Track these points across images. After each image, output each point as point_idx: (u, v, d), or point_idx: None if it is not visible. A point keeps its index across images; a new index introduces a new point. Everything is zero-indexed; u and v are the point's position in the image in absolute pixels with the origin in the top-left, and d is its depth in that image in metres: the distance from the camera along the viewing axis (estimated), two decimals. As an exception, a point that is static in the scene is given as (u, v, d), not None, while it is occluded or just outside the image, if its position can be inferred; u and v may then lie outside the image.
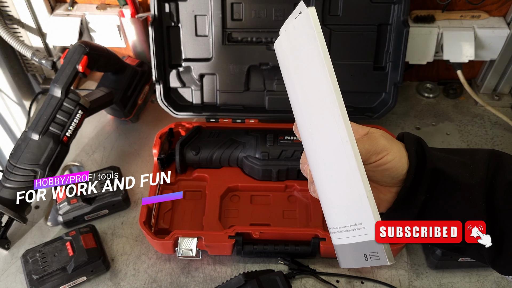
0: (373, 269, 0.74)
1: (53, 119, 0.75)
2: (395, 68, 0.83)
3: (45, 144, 0.74)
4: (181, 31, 0.84)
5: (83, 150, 0.92)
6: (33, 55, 0.89)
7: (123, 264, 0.75)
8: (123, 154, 0.91)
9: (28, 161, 0.73)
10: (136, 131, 0.96)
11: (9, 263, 0.76)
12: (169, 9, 0.83)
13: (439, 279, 0.73)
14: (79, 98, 0.77)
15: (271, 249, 0.72)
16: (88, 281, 0.73)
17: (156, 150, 0.81)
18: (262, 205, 0.80)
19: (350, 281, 0.73)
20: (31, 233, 0.80)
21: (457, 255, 0.70)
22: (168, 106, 0.87)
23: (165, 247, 0.73)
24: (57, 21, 0.93)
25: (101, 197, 0.78)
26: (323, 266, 0.74)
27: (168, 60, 0.86)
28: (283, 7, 0.81)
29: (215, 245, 0.72)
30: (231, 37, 0.84)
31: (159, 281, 0.73)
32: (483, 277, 0.73)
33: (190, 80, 0.87)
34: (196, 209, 0.80)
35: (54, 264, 0.69)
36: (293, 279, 0.72)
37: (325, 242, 0.71)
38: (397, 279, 0.73)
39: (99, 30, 0.95)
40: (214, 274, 0.74)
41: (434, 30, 0.89)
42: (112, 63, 0.87)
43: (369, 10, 0.81)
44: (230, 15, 0.82)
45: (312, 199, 0.79)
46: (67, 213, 0.77)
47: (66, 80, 0.76)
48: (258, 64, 0.85)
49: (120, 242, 0.78)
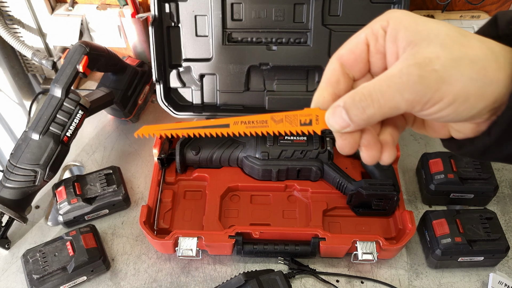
0: (373, 269, 0.74)
1: (53, 119, 0.75)
2: (395, 68, 0.83)
3: (45, 144, 0.74)
4: (181, 31, 0.84)
5: (83, 150, 0.92)
6: (34, 55, 0.89)
7: (123, 264, 0.75)
8: (123, 154, 0.91)
9: (28, 161, 0.73)
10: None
11: (9, 263, 0.76)
12: (169, 9, 0.83)
13: (439, 278, 0.73)
14: (79, 98, 0.77)
15: (271, 249, 0.72)
16: (89, 280, 0.73)
17: (156, 150, 0.81)
18: (262, 205, 0.80)
19: (350, 281, 0.73)
20: (32, 233, 0.80)
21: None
22: (168, 106, 0.87)
23: (165, 246, 0.73)
24: (58, 21, 0.93)
25: (101, 197, 0.78)
26: (323, 266, 0.74)
27: (168, 60, 0.86)
28: (283, 7, 0.81)
29: (215, 245, 0.72)
30: (231, 37, 0.84)
31: (159, 280, 0.73)
32: (483, 277, 0.73)
33: (190, 80, 0.87)
34: (196, 209, 0.80)
35: (54, 264, 0.70)
36: (293, 279, 0.72)
37: (325, 242, 0.71)
38: (397, 279, 0.73)
39: (100, 30, 0.95)
40: (214, 274, 0.74)
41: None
42: (112, 63, 0.87)
43: (369, 10, 0.81)
44: (230, 15, 0.82)
45: (312, 199, 0.79)
46: (68, 213, 0.77)
47: (66, 80, 0.76)
48: (258, 64, 0.85)
49: (120, 242, 0.78)
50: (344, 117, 0.33)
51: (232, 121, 0.40)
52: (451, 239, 0.70)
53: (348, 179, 0.77)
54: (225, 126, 0.41)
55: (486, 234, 0.71)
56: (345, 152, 0.36)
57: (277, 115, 0.38)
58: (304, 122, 0.38)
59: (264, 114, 0.39)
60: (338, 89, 0.37)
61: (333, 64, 0.37)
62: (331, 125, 0.35)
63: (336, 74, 0.37)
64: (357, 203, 0.77)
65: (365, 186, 0.74)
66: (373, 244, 0.71)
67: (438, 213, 0.73)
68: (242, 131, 0.40)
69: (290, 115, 0.38)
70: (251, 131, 0.40)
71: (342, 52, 0.37)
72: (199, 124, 0.41)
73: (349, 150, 0.36)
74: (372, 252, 0.70)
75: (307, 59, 0.84)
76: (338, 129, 0.35)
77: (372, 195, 0.74)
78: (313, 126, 0.38)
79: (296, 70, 0.86)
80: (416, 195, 0.84)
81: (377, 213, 0.77)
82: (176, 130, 0.42)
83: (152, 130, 0.44)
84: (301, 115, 0.38)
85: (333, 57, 0.38)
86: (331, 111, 0.35)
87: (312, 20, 0.81)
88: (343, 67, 0.37)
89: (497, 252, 0.71)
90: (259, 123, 0.39)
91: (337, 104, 0.34)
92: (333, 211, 0.79)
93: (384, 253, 0.72)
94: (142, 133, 0.45)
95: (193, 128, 0.41)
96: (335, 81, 0.37)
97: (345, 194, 0.78)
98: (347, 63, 0.37)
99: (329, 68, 0.37)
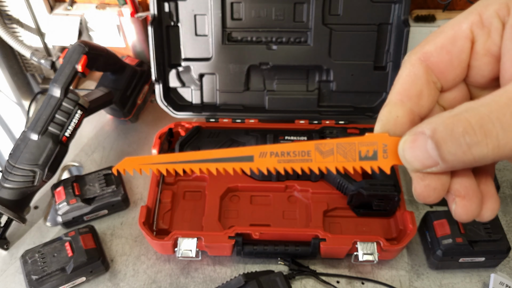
0: (373, 270, 0.74)
1: (52, 119, 0.75)
2: (395, 68, 0.83)
3: (44, 144, 0.74)
4: (180, 31, 0.84)
5: (82, 150, 0.92)
6: (32, 54, 0.88)
7: (123, 265, 0.75)
8: (122, 154, 0.91)
9: (27, 161, 0.73)
10: (135, 131, 0.95)
11: (8, 264, 0.75)
12: (169, 9, 0.82)
13: (440, 279, 0.73)
14: (78, 98, 0.77)
15: (271, 250, 0.72)
16: (88, 281, 0.73)
17: (156, 150, 0.80)
18: (262, 206, 0.80)
19: (351, 282, 0.72)
20: (30, 234, 0.79)
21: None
22: (167, 106, 0.86)
23: (165, 247, 0.72)
24: (56, 21, 0.93)
25: (100, 197, 0.78)
26: (324, 266, 0.74)
27: (167, 60, 0.86)
28: (283, 6, 0.81)
29: (215, 246, 0.72)
30: (231, 36, 0.84)
31: (158, 281, 0.73)
32: (484, 278, 0.73)
33: (189, 80, 0.87)
34: (195, 209, 0.79)
35: (53, 265, 0.69)
36: (293, 280, 0.72)
37: (326, 242, 0.70)
38: (398, 280, 0.73)
39: (99, 29, 0.95)
40: (214, 275, 0.73)
41: (434, 30, 0.89)
42: (111, 62, 0.87)
43: (369, 9, 0.81)
44: (230, 15, 0.82)
45: (312, 200, 0.79)
46: (66, 213, 0.76)
47: (65, 80, 0.75)
48: (258, 63, 0.84)
49: (120, 243, 0.78)
50: (431, 152, 0.23)
51: (258, 152, 0.29)
52: (452, 240, 0.69)
53: (349, 179, 0.76)
54: (248, 159, 0.29)
55: (487, 234, 0.70)
56: (426, 200, 0.25)
57: (325, 143, 0.28)
58: (365, 155, 0.27)
59: (306, 142, 0.28)
60: (419, 105, 0.26)
61: (414, 68, 0.26)
62: (408, 161, 0.25)
63: (418, 83, 0.26)
64: (358, 204, 0.77)
65: (366, 186, 0.73)
66: (373, 244, 0.70)
67: (439, 214, 0.73)
68: (273, 166, 0.29)
69: (345, 144, 0.28)
70: (286, 167, 0.29)
71: (430, 49, 0.26)
72: (211, 155, 0.29)
73: (433, 199, 0.25)
74: (373, 253, 0.70)
75: (307, 58, 0.83)
76: (418, 168, 0.24)
77: (373, 196, 0.73)
78: (379, 162, 0.27)
79: (296, 70, 0.86)
80: (417, 196, 0.83)
81: (378, 214, 0.77)
82: (171, 164, 0.29)
83: (137, 164, 0.30)
84: (361, 144, 0.27)
85: (413, 55, 0.27)
86: (411, 140, 0.24)
87: (312, 19, 0.81)
88: (429, 73, 0.26)
89: (498, 253, 0.70)
90: (298, 155, 0.29)
91: (420, 130, 0.23)
92: (333, 211, 0.79)
93: (385, 254, 0.71)
94: (124, 168, 0.30)
95: (203, 162, 0.29)
96: (415, 94, 0.26)
97: (346, 194, 0.77)
98: (436, 67, 0.26)
99: (406, 73, 0.26)
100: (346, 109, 0.87)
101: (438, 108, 0.27)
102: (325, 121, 0.86)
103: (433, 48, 0.26)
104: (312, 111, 0.87)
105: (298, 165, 0.29)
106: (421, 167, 0.24)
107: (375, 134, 0.26)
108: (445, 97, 0.27)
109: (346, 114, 0.87)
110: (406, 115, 0.26)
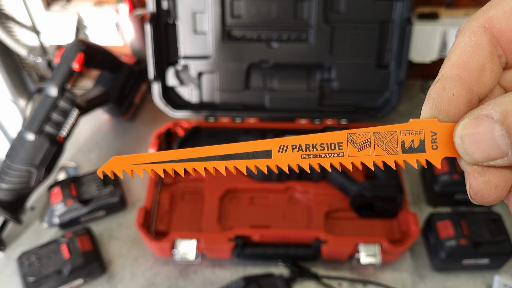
0: (376, 272, 0.73)
1: (48, 119, 0.73)
2: (398, 66, 0.82)
3: (40, 144, 0.72)
4: (179, 28, 0.83)
5: (79, 150, 0.90)
6: (29, 53, 0.87)
7: (120, 267, 0.74)
8: (120, 154, 0.89)
9: (23, 161, 0.72)
10: (133, 131, 0.94)
11: (4, 266, 0.74)
12: (167, 6, 0.81)
13: (443, 282, 0.72)
14: (75, 97, 0.76)
15: (272, 252, 0.71)
16: (85, 284, 0.71)
17: (154, 150, 0.79)
18: (262, 207, 0.79)
19: (353, 284, 0.71)
20: (27, 235, 0.78)
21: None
22: (165, 105, 0.85)
23: (163, 249, 0.71)
24: (53, 19, 0.91)
25: (97, 199, 0.77)
26: (325, 269, 0.73)
27: (165, 58, 0.84)
28: (284, 4, 0.80)
29: (214, 248, 0.70)
30: (231, 34, 0.83)
31: (157, 284, 0.72)
32: (488, 279, 0.72)
33: (188, 79, 0.86)
34: (194, 211, 0.78)
35: (50, 267, 0.68)
36: (294, 283, 0.71)
37: (327, 244, 0.69)
38: (400, 282, 0.72)
39: (96, 27, 0.93)
40: (213, 278, 0.72)
41: (438, 28, 0.88)
42: (108, 61, 0.86)
43: (371, 7, 0.79)
44: (229, 12, 0.81)
45: (313, 201, 0.78)
46: (63, 214, 0.75)
47: (62, 79, 0.74)
48: (258, 62, 0.83)
49: (117, 245, 0.76)
50: (499, 141, 0.19)
51: (276, 145, 0.24)
52: (455, 242, 0.68)
53: (351, 180, 0.75)
54: (264, 155, 0.25)
55: (491, 236, 0.69)
56: (484, 200, 0.21)
57: (359, 132, 0.23)
58: (409, 146, 0.22)
59: (336, 132, 0.23)
60: (479, 82, 0.21)
61: (476, 36, 0.21)
62: (467, 151, 0.20)
63: (480, 55, 0.21)
64: (360, 205, 0.75)
65: (368, 187, 0.72)
66: (376, 246, 0.69)
67: (443, 215, 0.72)
68: (295, 163, 0.24)
69: (384, 134, 0.22)
70: (312, 163, 0.24)
71: (497, 14, 0.21)
72: (218, 151, 0.26)
73: (493, 199, 0.21)
74: (375, 255, 0.69)
75: (308, 56, 0.82)
76: (479, 160, 0.20)
77: (375, 197, 0.72)
78: (428, 154, 0.22)
79: (297, 68, 0.84)
80: (420, 197, 0.82)
81: (381, 215, 0.76)
82: (170, 164, 0.25)
83: (127, 164, 0.26)
84: (404, 133, 0.22)
85: (474, 21, 0.22)
86: (472, 125, 0.20)
87: (313, 16, 0.80)
88: (494, 44, 0.21)
89: (502, 255, 0.69)
90: (327, 148, 0.23)
91: (485, 113, 0.19)
92: (335, 213, 0.77)
93: (388, 256, 0.70)
94: (111, 169, 0.27)
95: (208, 160, 0.26)
96: (476, 68, 0.21)
97: (348, 195, 0.76)
98: (504, 37, 0.21)
99: (466, 42, 0.21)
100: (348, 108, 0.86)
101: (498, 90, 0.22)
102: (327, 120, 0.85)
103: (500, 13, 0.21)
104: (313, 110, 0.85)
105: (327, 161, 0.23)
106: (484, 159, 0.20)
107: (422, 120, 0.21)
108: (508, 76, 0.22)
109: (348, 113, 0.85)
110: (464, 94, 0.21)
